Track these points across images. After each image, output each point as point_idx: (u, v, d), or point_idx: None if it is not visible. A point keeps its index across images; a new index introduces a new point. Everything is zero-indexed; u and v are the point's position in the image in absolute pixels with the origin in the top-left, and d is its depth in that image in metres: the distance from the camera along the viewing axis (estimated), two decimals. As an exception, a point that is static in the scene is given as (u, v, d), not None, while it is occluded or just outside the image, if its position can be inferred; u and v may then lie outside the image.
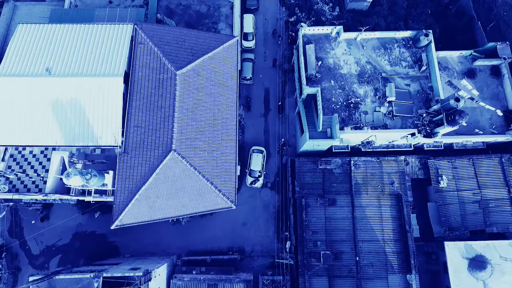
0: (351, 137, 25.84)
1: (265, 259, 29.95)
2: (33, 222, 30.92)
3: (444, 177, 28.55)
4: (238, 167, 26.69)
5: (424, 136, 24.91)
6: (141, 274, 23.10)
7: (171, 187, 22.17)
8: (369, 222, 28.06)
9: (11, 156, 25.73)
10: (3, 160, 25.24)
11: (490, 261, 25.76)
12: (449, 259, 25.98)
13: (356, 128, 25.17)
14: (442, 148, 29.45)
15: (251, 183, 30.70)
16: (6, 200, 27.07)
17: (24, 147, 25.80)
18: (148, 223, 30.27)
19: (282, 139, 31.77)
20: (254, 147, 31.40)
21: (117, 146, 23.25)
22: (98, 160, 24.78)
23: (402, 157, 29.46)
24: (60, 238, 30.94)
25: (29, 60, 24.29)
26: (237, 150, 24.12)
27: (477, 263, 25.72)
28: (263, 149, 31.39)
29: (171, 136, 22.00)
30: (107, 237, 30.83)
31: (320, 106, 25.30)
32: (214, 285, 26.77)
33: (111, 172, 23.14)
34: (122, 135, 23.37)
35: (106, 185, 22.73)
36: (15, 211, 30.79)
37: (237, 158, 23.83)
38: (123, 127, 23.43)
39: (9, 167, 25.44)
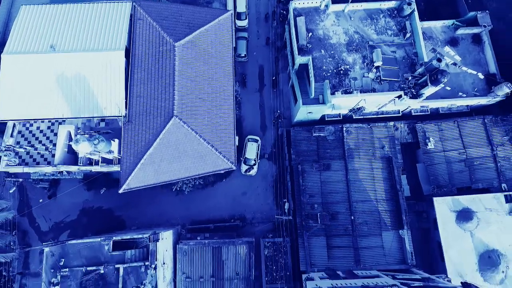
0: (342, 102, 27.34)
1: (266, 225, 31.47)
2: (40, 201, 32.10)
3: (431, 139, 30.24)
4: (237, 137, 28.05)
5: (411, 98, 26.47)
6: (149, 235, 24.53)
7: (174, 151, 23.55)
8: (362, 183, 29.68)
9: (19, 132, 26.88)
10: (11, 136, 26.39)
11: (476, 213, 27.50)
12: (438, 213, 27.69)
13: (346, 92, 26.67)
14: (429, 113, 31.17)
15: (246, 170, 31.76)
16: (16, 176, 28.28)
17: (31, 124, 26.97)
18: (152, 196, 31.91)
19: (278, 111, 33.21)
20: (249, 136, 32.47)
21: (121, 116, 24.58)
22: (104, 131, 26.02)
23: (392, 123, 31.12)
24: (68, 215, 32.17)
25: (34, 39, 25.49)
26: (235, 118, 25.47)
27: (464, 215, 27.45)
28: (258, 138, 32.45)
29: (172, 103, 23.36)
30: (113, 211, 32.11)
31: (311, 74, 26.78)
32: (218, 248, 28.24)
33: (116, 140, 24.45)
34: (126, 106, 24.68)
35: (113, 152, 24.02)
36: (23, 190, 31.93)
37: (235, 125, 25.22)
38: (126, 98, 24.73)
39: (18, 143, 26.58)
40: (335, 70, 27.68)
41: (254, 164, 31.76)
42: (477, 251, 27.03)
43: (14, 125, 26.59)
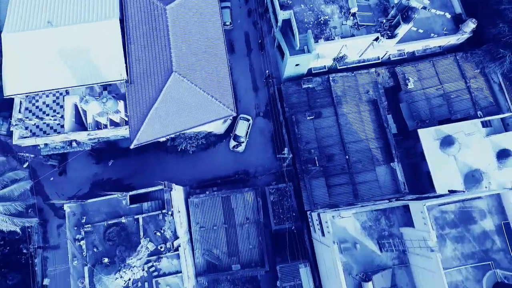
0: (325, 50, 29.56)
1: (268, 176, 33.65)
2: (51, 179, 33.53)
3: (410, 79, 32.77)
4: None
5: (387, 38, 28.84)
6: (163, 185, 26.41)
7: (177, 104, 25.43)
8: (352, 126, 32.08)
9: (26, 108, 28.26)
10: (19, 112, 27.77)
11: (457, 139, 30.15)
12: (423, 142, 30.18)
13: (328, 39, 28.92)
14: (406, 56, 33.72)
15: (234, 146, 33.42)
16: (28, 152, 29.67)
17: (37, 99, 28.35)
18: (159, 162, 33.69)
19: (267, 72, 35.27)
20: (241, 115, 34.10)
21: (123, 79, 26.29)
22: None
23: (373, 69, 33.56)
24: (80, 189, 33.71)
25: (30, 16, 26.89)
26: (229, 71, 27.43)
27: (447, 142, 30.03)
28: (249, 118, 34.14)
29: (170, 60, 25.18)
30: (122, 181, 33.76)
31: (295, 26, 28.91)
32: (227, 197, 30.31)
33: (121, 101, 26.14)
34: (126, 70, 26.38)
35: (119, 112, 25.70)
36: (33, 170, 33.25)
37: (230, 77, 27.19)
38: (126, 63, 26.42)
39: (26, 117, 27.97)
40: (315, 22, 29.86)
41: (243, 142, 33.46)
42: (462, 172, 29.66)
43: (21, 102, 27.93)
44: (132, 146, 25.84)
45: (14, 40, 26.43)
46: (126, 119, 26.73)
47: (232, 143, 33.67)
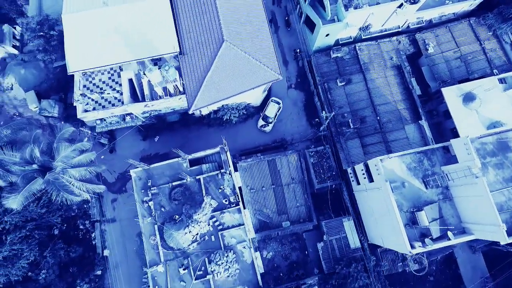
0: (354, 18, 32.05)
1: (304, 142, 36.09)
2: (102, 157, 35.45)
3: (430, 44, 35.58)
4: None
5: (410, 4, 31.49)
6: (218, 150, 28.68)
7: (229, 71, 27.70)
8: (380, 90, 34.72)
9: (84, 86, 30.25)
10: (79, 89, 29.77)
11: (477, 95, 32.97)
12: (447, 99, 32.86)
13: (356, 8, 31.49)
14: (424, 24, 36.52)
15: (262, 126, 35.31)
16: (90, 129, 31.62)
17: (93, 77, 30.36)
18: (202, 135, 35.86)
19: (298, 49, 37.67)
20: (273, 98, 36.05)
21: (176, 52, 28.49)
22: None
23: (394, 38, 36.32)
24: (130, 164, 35.65)
25: (85, -1, 28.96)
26: (273, 40, 29.72)
27: (469, 98, 32.78)
28: (280, 101, 35.94)
29: (221, 31, 27.42)
30: (169, 155, 35.60)
31: (326, -3, 31.47)
32: (273, 160, 32.67)
33: (177, 71, 28.26)
34: (178, 43, 28.58)
35: (177, 80, 27.84)
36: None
37: (274, 46, 29.50)
38: (177, 36, 28.62)
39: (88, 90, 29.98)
40: (344, -6, 32.45)
41: (271, 122, 35.48)
42: (484, 124, 32.36)
43: (79, 81, 29.92)
44: (190, 111, 28.02)
45: (73, 20, 28.45)
46: (181, 88, 28.93)
47: (261, 122, 35.76)
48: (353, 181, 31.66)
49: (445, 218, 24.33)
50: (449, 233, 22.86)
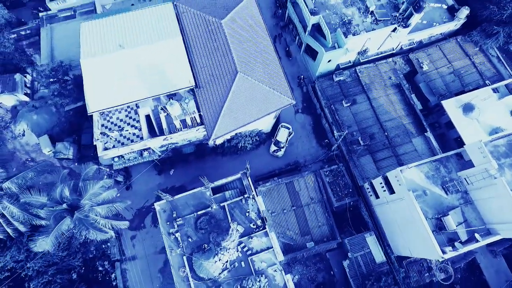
0: (353, 44, 34.54)
1: (316, 164, 37.03)
2: (118, 195, 35.39)
3: (424, 62, 38.20)
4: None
5: (403, 27, 34.25)
6: (239, 176, 29.31)
7: (245, 99, 29.09)
8: (384, 107, 36.58)
9: (102, 125, 31.05)
10: (98, 128, 30.54)
11: (475, 105, 35.05)
12: (448, 111, 34.77)
13: (354, 35, 34.01)
14: (415, 45, 39.40)
15: (274, 151, 36.70)
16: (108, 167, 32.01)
17: (111, 116, 31.28)
18: (217, 165, 36.54)
19: (301, 75, 39.82)
20: (283, 124, 37.77)
21: (192, 86, 29.92)
22: (177, 105, 30.92)
23: (390, 59, 38.91)
24: (147, 199, 35.75)
25: (102, 43, 30.57)
26: (282, 68, 31.57)
27: (468, 108, 34.81)
28: (290, 126, 37.62)
29: (234, 63, 29.19)
30: (186, 187, 36.05)
31: (325, 27, 33.95)
32: (291, 183, 33.31)
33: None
34: (194, 78, 30.11)
35: (195, 112, 28.97)
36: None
37: (284, 73, 31.29)
38: (192, 72, 30.21)
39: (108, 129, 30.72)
40: (340, 22, 35.06)
41: (283, 147, 36.83)
42: (486, 131, 34.18)
43: (97, 120, 30.77)
44: (210, 141, 28.93)
45: (91, 64, 29.84)
46: (199, 120, 30.01)
47: (273, 147, 36.92)
48: (371, 195, 32.36)
49: (469, 221, 25.03)
50: (477, 235, 23.47)
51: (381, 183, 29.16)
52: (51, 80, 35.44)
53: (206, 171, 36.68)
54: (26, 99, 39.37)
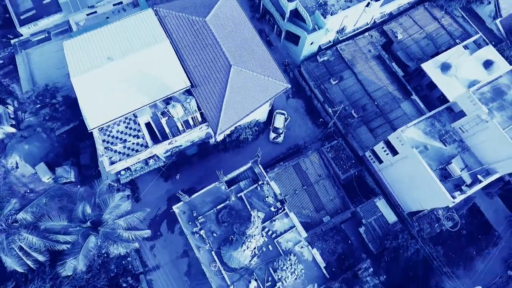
0: (332, 23, 36.01)
1: (316, 143, 38.36)
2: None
3: (398, 32, 40.36)
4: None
5: (375, 1, 36.05)
6: (250, 165, 30.06)
7: (242, 91, 29.83)
8: (370, 78, 38.41)
9: (103, 141, 30.83)
10: (100, 145, 30.33)
11: (451, 63, 37.52)
12: (428, 72, 36.96)
13: (332, 14, 35.49)
14: (387, 17, 41.51)
15: (274, 138, 37.65)
16: (115, 182, 31.79)
17: (110, 130, 31.08)
18: (221, 161, 37.10)
19: (286, 60, 40.95)
20: (277, 110, 38.59)
21: (187, 86, 30.30)
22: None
23: (366, 33, 40.80)
24: (159, 207, 35.79)
25: (89, 58, 30.32)
26: (272, 56, 32.41)
27: (445, 67, 37.14)
28: (285, 112, 38.63)
29: (226, 58, 29.84)
30: (195, 188, 36.20)
31: (303, 11, 35.21)
32: (297, 164, 34.46)
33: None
34: (188, 78, 30.50)
35: (197, 110, 29.40)
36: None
37: (274, 60, 32.19)
38: (185, 72, 30.57)
39: (106, 148, 30.53)
40: (317, 4, 36.45)
41: (281, 133, 37.91)
42: (464, 85, 36.74)
43: (98, 136, 30.52)
44: (217, 136, 29.49)
45: (83, 81, 29.51)
46: (200, 118, 30.45)
47: (272, 135, 37.88)
48: (374, 162, 34.08)
49: (469, 166, 27.14)
50: (479, 176, 25.57)
51: (383, 147, 30.85)
52: (39, 105, 34.69)
53: (211, 169, 36.86)
54: (13, 130, 38.19)
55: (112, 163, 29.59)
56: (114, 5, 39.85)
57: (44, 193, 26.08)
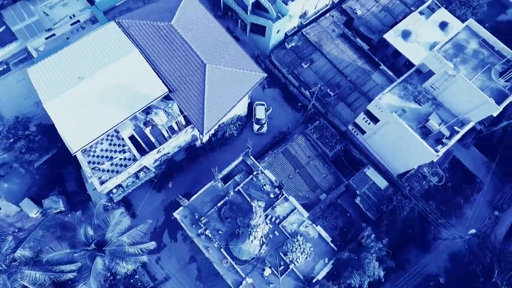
0: (294, 9, 36.93)
1: (299, 128, 39.26)
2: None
3: (356, 8, 41.94)
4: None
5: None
6: (241, 159, 30.42)
7: (221, 87, 30.07)
8: (338, 56, 39.73)
9: (89, 162, 30.10)
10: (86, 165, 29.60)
11: (411, 29, 39.54)
12: (391, 41, 38.89)
13: (293, 0, 36.39)
14: (344, -5, 43.04)
15: (258, 129, 38.15)
16: (109, 201, 31.14)
17: (94, 150, 30.37)
18: (212, 161, 37.15)
19: (255, 53, 41.47)
20: (256, 102, 38.93)
21: (165, 92, 30.15)
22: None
23: (328, 14, 42.09)
24: (157, 219, 35.37)
25: (58, 80, 29.43)
26: (243, 49, 32.83)
27: (405, 34, 39.20)
28: (264, 103, 39.08)
29: (199, 57, 29.96)
30: (189, 193, 35.98)
31: (265, 1, 35.85)
32: (285, 150, 35.23)
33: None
34: (165, 84, 30.34)
35: (179, 114, 29.34)
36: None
37: (245, 52, 32.62)
38: (161, 79, 30.39)
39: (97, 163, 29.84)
40: (276, -7, 37.28)
41: (264, 123, 38.41)
42: (426, 48, 38.87)
43: (83, 159, 29.74)
44: (204, 135, 29.59)
45: (56, 105, 28.60)
46: (184, 122, 30.42)
47: (256, 126, 38.34)
48: (357, 134, 35.44)
49: (445, 120, 28.93)
50: (456, 128, 27.38)
51: (364, 118, 32.19)
52: (12, 140, 33.27)
53: (202, 171, 37.09)
54: (-13, 169, 36.34)
55: (102, 182, 28.98)
56: (71, 24, 38.71)
57: (39, 224, 25.17)
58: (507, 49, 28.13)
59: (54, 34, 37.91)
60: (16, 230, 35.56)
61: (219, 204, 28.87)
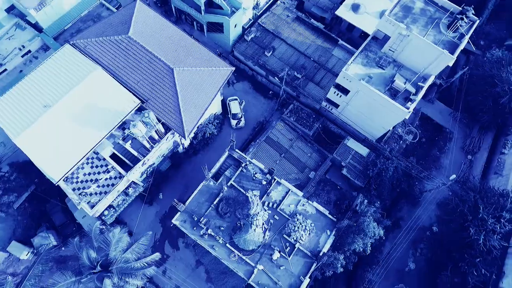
0: (246, 1, 37.60)
1: (276, 114, 40.12)
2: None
3: (304, -9, 43.30)
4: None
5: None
6: (227, 154, 30.72)
7: (193, 87, 30.23)
8: (298, 39, 40.91)
9: (73, 189, 29.26)
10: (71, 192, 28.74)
11: (359, 2, 41.38)
12: (342, 15, 40.39)
13: (244, -8, 37.13)
14: (289, -19, 44.18)
15: (236, 124, 38.43)
16: (102, 225, 30.36)
17: (77, 176, 29.54)
18: (199, 163, 37.16)
19: (218, 51, 41.77)
20: (229, 98, 39.13)
21: (138, 104, 29.86)
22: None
23: (278, 1, 43.15)
24: (154, 233, 34.95)
25: (23, 113, 28.32)
26: (207, 49, 33.13)
27: (355, 7, 41.04)
28: (237, 97, 39.37)
29: (164, 63, 29.93)
30: (182, 199, 35.72)
31: (217, -2, 36.33)
32: (267, 137, 35.88)
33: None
34: (136, 96, 30.02)
35: (158, 122, 29.18)
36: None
37: (208, 50, 32.93)
38: (130, 91, 30.05)
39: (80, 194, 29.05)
40: (226, -11, 37.77)
41: (241, 117, 38.86)
42: (374, 16, 40.85)
43: (67, 188, 28.85)
44: (186, 138, 29.60)
45: (26, 138, 27.50)
46: (163, 129, 30.28)
47: (233, 122, 38.71)
48: (331, 109, 36.78)
49: (409, 79, 30.78)
50: (420, 84, 29.24)
51: (335, 92, 33.50)
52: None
53: (190, 175, 37.10)
54: (-37, 224, 34.26)
55: (92, 206, 28.29)
56: (22, 56, 37.21)
57: (36, 261, 24.24)
58: (449, 3, 30.33)
59: (5, 70, 36.31)
60: (10, 275, 33.91)
61: (215, 202, 29.07)
